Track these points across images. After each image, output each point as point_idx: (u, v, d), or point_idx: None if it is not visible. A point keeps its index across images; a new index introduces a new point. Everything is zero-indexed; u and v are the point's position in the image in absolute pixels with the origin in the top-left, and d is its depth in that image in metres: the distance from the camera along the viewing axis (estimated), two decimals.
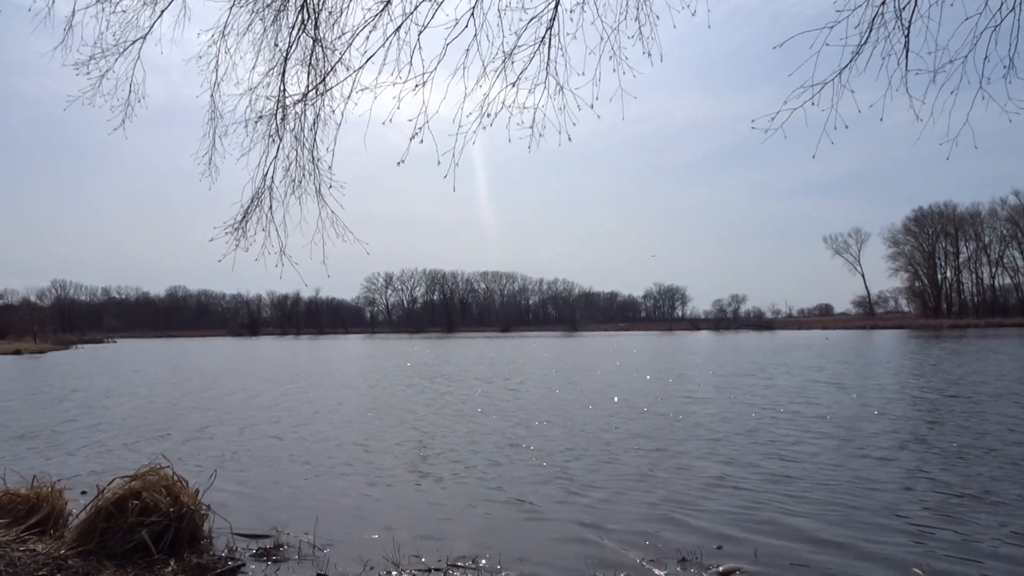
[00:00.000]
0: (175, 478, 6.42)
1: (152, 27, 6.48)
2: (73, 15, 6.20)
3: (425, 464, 10.66)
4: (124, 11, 6.32)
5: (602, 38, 5.42)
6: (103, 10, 6.26)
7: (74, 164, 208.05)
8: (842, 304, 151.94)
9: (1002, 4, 4.58)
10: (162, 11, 6.42)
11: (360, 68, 5.88)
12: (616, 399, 18.74)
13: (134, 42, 6.54)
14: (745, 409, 16.09)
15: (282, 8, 6.39)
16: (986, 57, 4.65)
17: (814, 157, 5.13)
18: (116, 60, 6.54)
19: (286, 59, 6.38)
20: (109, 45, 6.43)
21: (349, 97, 6.03)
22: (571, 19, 5.47)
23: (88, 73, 6.49)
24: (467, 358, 42.97)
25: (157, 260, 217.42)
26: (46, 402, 20.98)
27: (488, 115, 5.52)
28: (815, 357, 36.47)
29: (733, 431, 13.01)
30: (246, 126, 6.51)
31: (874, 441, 11.62)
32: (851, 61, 4.95)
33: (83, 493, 7.98)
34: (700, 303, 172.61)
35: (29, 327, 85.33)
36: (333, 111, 6.25)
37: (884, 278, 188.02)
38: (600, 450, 11.45)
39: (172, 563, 5.72)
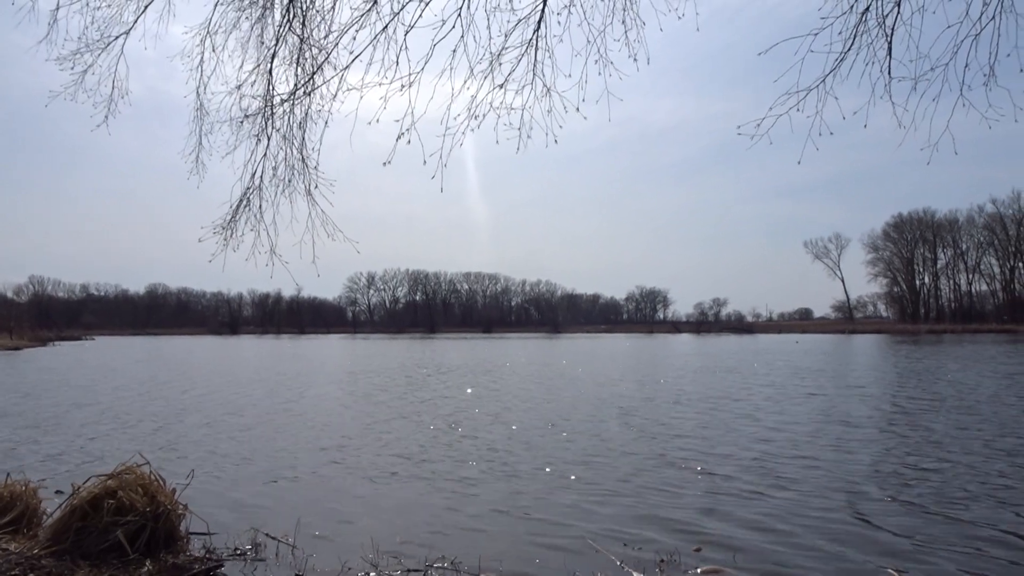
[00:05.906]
0: (152, 477, 6.33)
1: (136, 22, 6.43)
2: (57, 9, 6.14)
3: (405, 467, 10.62)
4: (109, 6, 6.27)
5: (588, 40, 5.44)
6: (88, 4, 6.21)
7: (52, 159, 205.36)
8: (822, 309, 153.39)
9: (982, 13, 4.65)
10: (146, 6, 6.38)
11: (347, 67, 5.87)
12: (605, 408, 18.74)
13: (117, 37, 6.49)
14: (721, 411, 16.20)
15: (268, 6, 6.35)
16: (967, 65, 4.73)
17: (800, 163, 5.18)
18: (99, 55, 6.49)
19: (273, 57, 6.35)
20: (93, 40, 6.38)
21: (336, 96, 6.01)
22: (558, 22, 5.48)
23: (72, 68, 6.44)
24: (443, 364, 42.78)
25: (137, 257, 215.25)
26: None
27: (476, 116, 5.51)
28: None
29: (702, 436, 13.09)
30: (231, 124, 6.47)
31: (853, 442, 11.73)
32: (835, 68, 5.01)
33: (58, 492, 7.87)
34: (682, 306, 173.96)
35: (6, 323, 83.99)
36: (320, 109, 6.23)
37: (864, 283, 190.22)
38: (577, 453, 11.47)
39: (148, 563, 5.64)
